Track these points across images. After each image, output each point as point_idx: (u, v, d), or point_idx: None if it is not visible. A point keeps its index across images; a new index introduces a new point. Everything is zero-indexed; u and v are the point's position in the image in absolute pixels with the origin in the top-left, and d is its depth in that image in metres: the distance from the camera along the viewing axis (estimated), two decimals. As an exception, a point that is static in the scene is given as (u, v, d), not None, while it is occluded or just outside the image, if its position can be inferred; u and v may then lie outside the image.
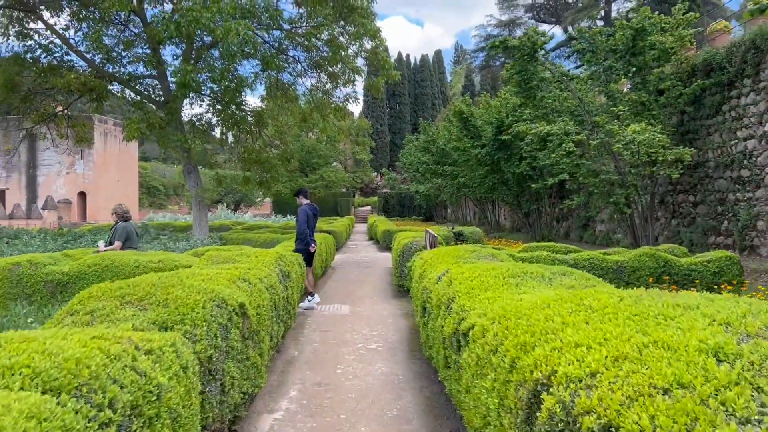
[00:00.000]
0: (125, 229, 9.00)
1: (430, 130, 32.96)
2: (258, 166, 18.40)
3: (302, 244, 8.95)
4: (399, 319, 7.91)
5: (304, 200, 9.40)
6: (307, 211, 9.14)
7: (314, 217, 9.39)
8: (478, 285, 3.45)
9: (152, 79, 17.47)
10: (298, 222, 9.08)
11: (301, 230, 8.98)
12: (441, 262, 5.23)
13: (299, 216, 9.11)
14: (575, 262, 7.96)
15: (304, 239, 8.98)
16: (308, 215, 9.10)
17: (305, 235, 8.98)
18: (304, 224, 8.98)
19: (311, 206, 9.41)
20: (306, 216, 9.06)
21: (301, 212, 9.12)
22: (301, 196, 9.50)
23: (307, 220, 9.03)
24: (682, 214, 15.29)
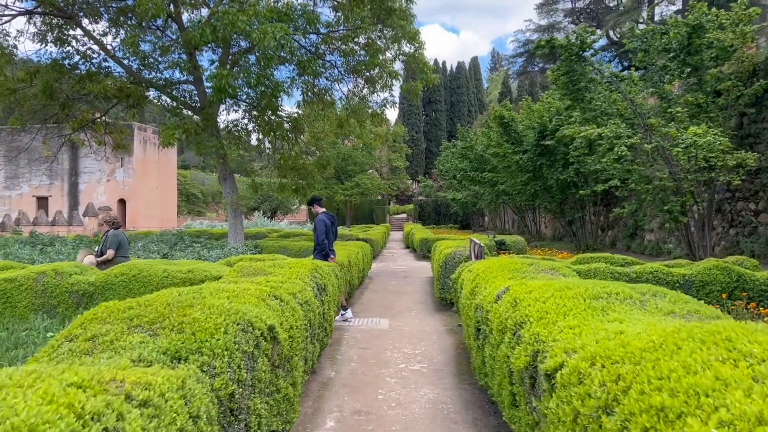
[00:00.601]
0: (116, 237, 8.62)
1: (467, 136, 32.23)
2: (294, 173, 18.04)
3: (321, 255, 8.44)
4: (443, 335, 7.32)
5: (320, 209, 8.96)
6: (324, 220, 8.67)
7: (332, 225, 8.92)
8: (553, 308, 2.85)
9: (188, 84, 17.30)
10: (316, 233, 8.58)
11: (320, 241, 8.49)
12: (496, 276, 4.64)
13: (317, 226, 8.61)
14: (637, 275, 7.25)
15: (324, 250, 8.49)
16: (326, 225, 8.63)
17: (324, 246, 8.50)
18: (323, 234, 8.51)
19: (328, 215, 8.94)
20: (324, 226, 8.58)
21: (319, 222, 8.63)
22: (316, 204, 9.05)
23: (325, 230, 8.55)
24: (741, 223, 14.29)
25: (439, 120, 75.67)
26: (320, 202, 9.11)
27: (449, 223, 50.33)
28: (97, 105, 18.12)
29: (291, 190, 17.89)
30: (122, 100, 17.38)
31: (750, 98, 13.14)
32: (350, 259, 9.71)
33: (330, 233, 8.71)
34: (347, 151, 38.57)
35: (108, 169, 44.11)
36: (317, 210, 8.94)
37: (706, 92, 13.22)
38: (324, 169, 18.99)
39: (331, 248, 8.71)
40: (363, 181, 38.85)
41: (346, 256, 9.47)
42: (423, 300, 10.47)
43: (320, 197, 9.37)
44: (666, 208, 12.94)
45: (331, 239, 8.75)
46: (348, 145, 39.64)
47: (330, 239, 8.71)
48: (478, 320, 4.28)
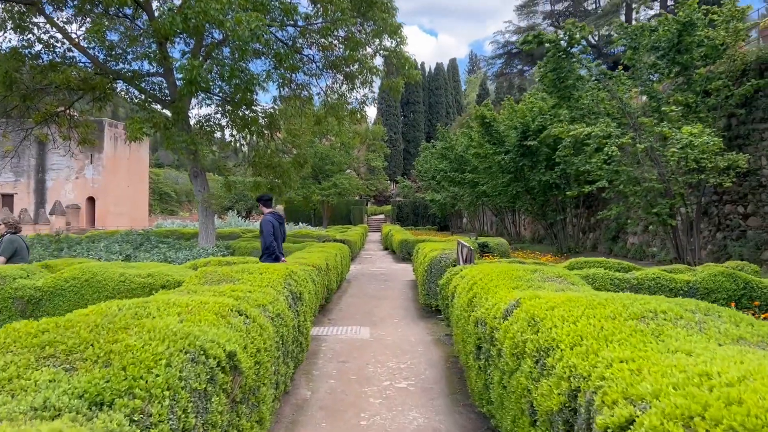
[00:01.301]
0: (12, 243, 7.62)
1: (447, 136, 31.76)
2: (269, 171, 17.31)
3: (271, 258, 7.76)
4: (430, 347, 6.71)
5: (267, 209, 8.25)
6: (272, 221, 7.99)
7: (281, 226, 8.28)
8: (589, 332, 2.26)
9: (158, 77, 16.46)
10: (263, 234, 7.92)
11: (268, 243, 7.82)
12: (497, 285, 4.05)
13: (263, 227, 7.94)
14: (638, 282, 6.73)
15: (273, 253, 7.82)
16: (274, 226, 7.96)
17: (273, 248, 7.83)
18: (271, 236, 7.84)
19: (276, 215, 8.27)
20: (272, 227, 7.92)
21: (266, 223, 7.95)
22: (263, 203, 8.35)
23: (273, 231, 7.90)
24: (729, 227, 13.97)
25: (417, 121, 75.29)
26: (268, 202, 8.38)
27: (427, 224, 49.83)
28: (61, 97, 17.15)
29: (266, 188, 17.14)
30: (88, 92, 16.47)
31: (740, 98, 12.82)
32: (328, 262, 9.06)
33: (279, 234, 8.08)
34: (325, 150, 37.84)
35: (77, 166, 42.71)
36: (264, 210, 8.27)
37: (695, 92, 12.87)
38: (301, 167, 18.29)
39: (280, 251, 8.07)
40: (341, 181, 38.16)
41: (323, 259, 8.81)
42: (405, 306, 9.86)
43: (269, 196, 8.64)
44: (655, 210, 12.55)
45: (279, 241, 8.12)
46: (326, 144, 38.91)
47: (279, 241, 8.08)
48: (480, 337, 3.67)
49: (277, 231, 8.04)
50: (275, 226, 7.96)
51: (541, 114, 19.96)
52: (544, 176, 19.96)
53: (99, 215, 42.83)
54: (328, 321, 8.37)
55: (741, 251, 13.26)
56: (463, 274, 5.45)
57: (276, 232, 7.97)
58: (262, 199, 8.41)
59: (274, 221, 7.99)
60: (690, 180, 12.10)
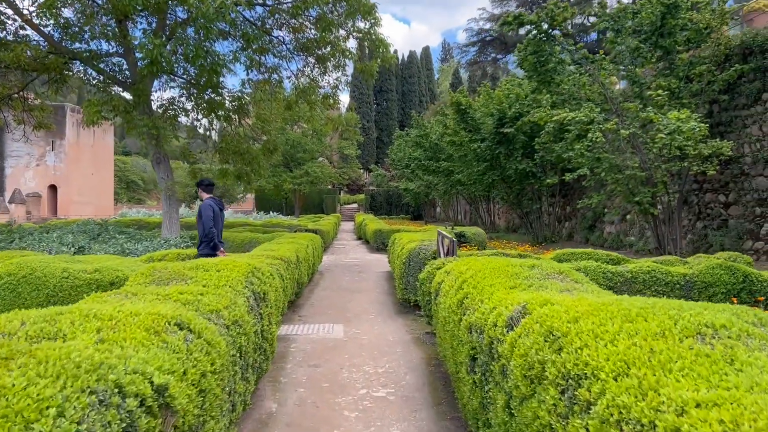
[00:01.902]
0: None
1: (422, 123, 31.19)
2: (237, 158, 16.52)
3: (209, 248, 7.21)
4: (410, 347, 6.16)
5: (206, 194, 7.59)
6: (212, 205, 7.37)
7: (221, 212, 7.64)
8: (635, 355, 1.71)
9: (118, 57, 15.52)
10: (202, 221, 7.27)
11: (207, 229, 7.21)
12: (493, 284, 3.50)
13: (203, 213, 7.31)
14: (633, 275, 6.27)
15: (212, 241, 7.24)
16: (214, 211, 7.35)
17: (213, 236, 7.23)
18: (211, 221, 7.23)
19: (216, 200, 7.61)
20: (212, 212, 7.30)
21: (205, 208, 7.32)
22: (202, 188, 7.65)
23: (213, 218, 7.27)
24: (710, 216, 13.72)
25: (390, 109, 74.70)
26: (209, 187, 7.69)
27: (401, 213, 49.37)
28: (12, 79, 16.09)
29: (233, 176, 16.39)
30: (42, 73, 15.45)
31: (723, 84, 12.51)
32: (299, 254, 8.44)
33: (219, 222, 7.46)
34: (297, 138, 36.94)
35: (37, 152, 41.11)
36: (203, 195, 7.61)
37: (678, 77, 12.52)
38: (271, 154, 17.54)
39: (219, 239, 7.42)
40: (313, 169, 37.35)
41: (293, 251, 8.19)
42: (381, 300, 9.30)
43: (210, 180, 7.90)
44: (636, 199, 12.19)
45: (219, 228, 7.49)
46: (297, 131, 38.01)
47: (219, 228, 7.46)
48: (475, 347, 3.12)
49: (218, 217, 7.41)
50: (215, 212, 7.35)
51: (518, 101, 19.53)
52: (521, 164, 19.57)
53: (61, 204, 41.33)
54: (298, 318, 7.77)
55: (722, 241, 13.01)
56: (447, 269, 4.90)
57: (216, 218, 7.34)
58: (202, 184, 7.71)
59: (214, 206, 7.39)
60: (672, 168, 11.76)
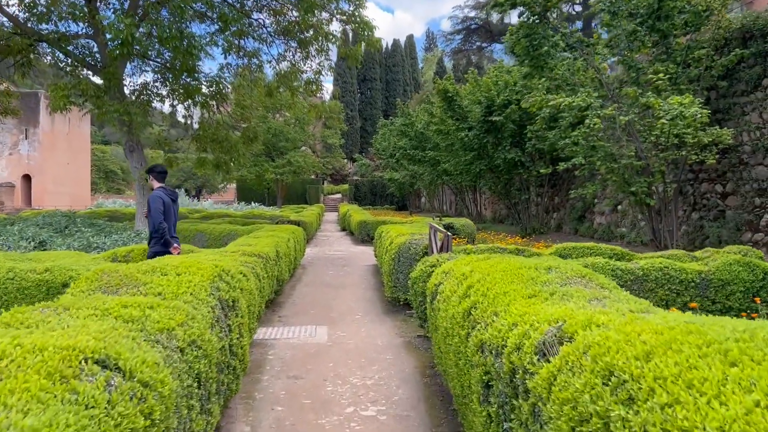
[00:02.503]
0: None
1: (407, 112, 30.53)
2: (215, 146, 15.78)
3: (160, 244, 6.38)
4: (401, 353, 5.56)
5: (158, 183, 6.70)
6: (162, 196, 6.50)
7: (173, 204, 6.75)
8: (763, 425, 1.13)
9: (88, 39, 14.66)
10: (152, 213, 6.41)
11: (157, 223, 6.35)
12: (506, 291, 2.91)
13: (152, 204, 6.43)
14: (644, 273, 5.73)
15: (162, 236, 6.38)
16: (165, 203, 6.48)
17: (164, 231, 6.37)
18: (160, 215, 6.36)
19: (168, 190, 6.74)
20: (163, 204, 6.43)
21: (155, 199, 6.44)
22: (155, 176, 6.73)
23: (164, 210, 6.43)
24: (706, 207, 13.29)
25: (374, 98, 73.93)
26: (161, 174, 6.73)
27: (385, 203, 48.74)
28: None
29: (211, 165, 15.66)
30: (6, 56, 14.55)
31: (721, 70, 12.02)
32: (279, 249, 7.80)
33: (171, 214, 6.61)
34: (279, 126, 36.07)
35: (10, 141, 39.81)
36: (154, 183, 6.72)
37: (675, 62, 12.01)
38: (251, 142, 16.81)
39: (173, 234, 6.58)
40: (295, 158, 36.53)
41: (273, 246, 7.55)
42: (368, 297, 8.70)
43: (162, 167, 6.89)
44: (632, 189, 11.70)
45: (173, 222, 6.65)
46: (279, 119, 37.14)
47: (171, 222, 6.61)
48: (489, 372, 2.54)
49: (169, 209, 6.54)
50: (166, 203, 6.47)
51: (508, 88, 18.98)
52: (510, 154, 19.04)
53: (36, 194, 40.12)
54: (278, 319, 7.15)
55: (719, 232, 12.59)
56: (445, 269, 4.31)
57: (168, 210, 6.48)
58: (153, 171, 6.75)
59: (164, 197, 6.50)
60: (670, 156, 11.26)
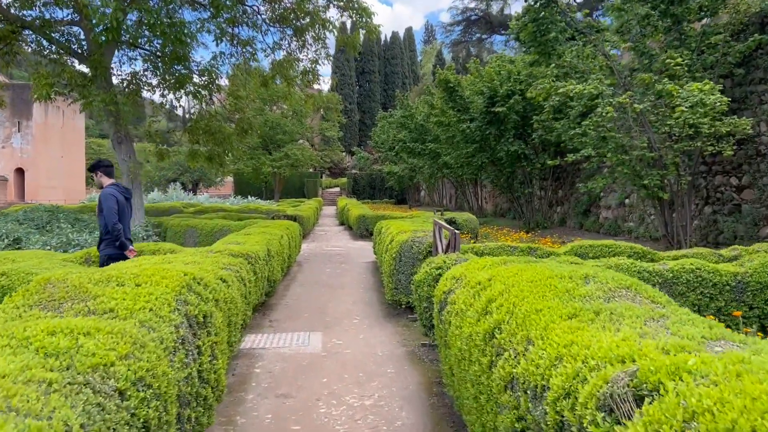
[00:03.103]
0: None
1: (407, 104, 29.89)
2: (208, 138, 15.15)
3: (113, 247, 5.66)
4: (404, 366, 4.98)
5: (107, 179, 5.91)
6: (115, 194, 5.74)
7: (127, 202, 5.99)
8: None
9: (74, 26, 14.00)
10: (104, 212, 5.64)
11: (112, 224, 5.59)
12: (540, 309, 2.33)
13: (104, 204, 5.65)
14: (674, 275, 5.15)
15: (117, 238, 5.64)
16: (119, 201, 5.74)
17: (119, 232, 5.63)
18: (115, 215, 5.63)
19: (121, 187, 5.98)
20: (116, 203, 5.69)
21: (107, 197, 5.66)
22: (101, 171, 5.92)
23: (118, 209, 5.71)
24: (720, 200, 12.71)
25: (373, 91, 73.23)
26: (109, 169, 5.95)
27: (384, 197, 48.11)
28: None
29: (204, 157, 15.03)
30: (-11, 43, 13.90)
31: (738, 56, 11.41)
32: (270, 247, 7.20)
33: (125, 213, 5.91)
34: (276, 119, 35.36)
35: (3, 134, 39.12)
36: (102, 180, 5.94)
37: (690, 48, 11.41)
38: (245, 134, 16.17)
39: (127, 236, 5.85)
40: (293, 151, 35.81)
41: (264, 244, 6.96)
42: (367, 299, 8.12)
43: (109, 162, 6.09)
44: (644, 182, 11.12)
45: (126, 223, 5.92)
46: (276, 111, 36.44)
47: (126, 222, 5.90)
48: (524, 417, 1.96)
49: (123, 209, 5.82)
50: (120, 202, 5.76)
51: (511, 78, 18.36)
52: (513, 146, 18.44)
53: (29, 188, 39.45)
54: (269, 324, 6.56)
55: (735, 227, 12.01)
56: (456, 274, 3.72)
57: (122, 209, 5.77)
58: (100, 166, 5.94)
59: (117, 194, 5.77)
60: (685, 147, 10.67)
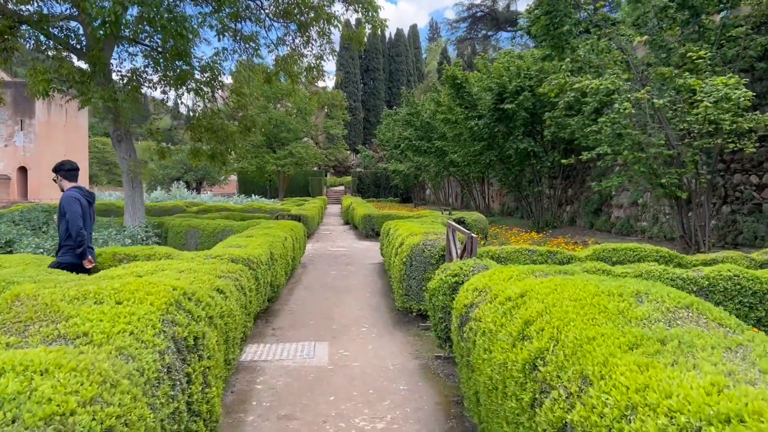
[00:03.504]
0: None
1: (413, 101, 29.45)
2: (210, 135, 14.77)
3: (72, 255, 5.20)
4: (418, 382, 4.59)
5: (69, 182, 5.45)
6: (78, 198, 5.29)
7: (90, 207, 5.50)
8: None
9: (73, 21, 13.65)
10: (68, 217, 5.17)
11: (75, 231, 5.14)
12: (593, 338, 1.94)
13: (66, 208, 5.21)
14: (710, 283, 4.75)
15: (80, 246, 5.20)
16: (82, 205, 5.30)
17: (83, 237, 5.19)
18: (80, 219, 5.19)
19: (83, 191, 5.49)
20: (80, 207, 5.25)
21: (69, 201, 5.22)
22: (62, 174, 5.45)
23: (82, 214, 5.26)
24: (739, 200, 12.28)
25: (377, 89, 72.78)
26: (71, 173, 5.47)
27: (389, 196, 47.69)
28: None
29: (206, 156, 14.67)
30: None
31: (759, 50, 10.97)
32: (274, 250, 6.83)
33: (88, 219, 5.44)
34: (280, 117, 34.98)
35: (6, 132, 38.90)
36: (63, 183, 5.46)
37: (709, 42, 10.97)
38: (248, 131, 15.80)
39: (89, 244, 5.38)
40: (297, 150, 35.42)
41: (267, 247, 6.58)
42: (375, 304, 7.73)
43: (73, 164, 5.57)
44: (662, 180, 10.70)
45: (89, 230, 5.47)
46: (281, 109, 36.07)
47: (89, 229, 5.45)
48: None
49: (86, 213, 5.36)
50: (84, 206, 5.32)
51: (520, 73, 17.93)
52: (522, 143, 18.02)
53: (32, 187, 39.24)
54: (272, 332, 6.19)
55: (755, 228, 11.59)
56: (479, 286, 3.33)
57: (85, 215, 5.32)
58: (61, 169, 5.42)
59: (81, 198, 5.33)
60: (705, 144, 10.23)
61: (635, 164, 11.05)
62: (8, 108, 38.11)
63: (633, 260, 5.95)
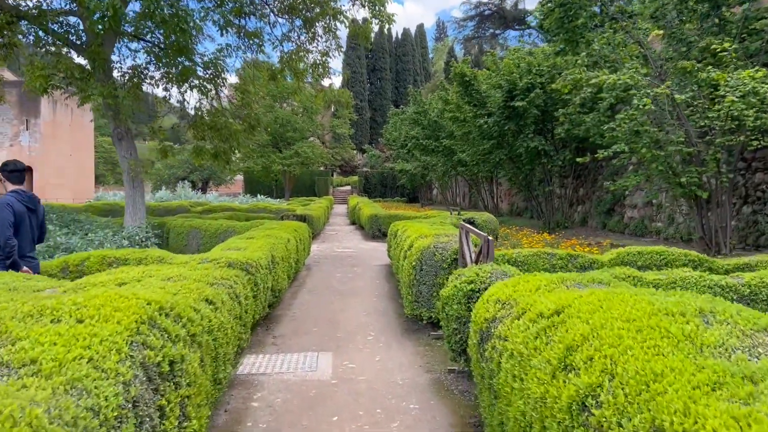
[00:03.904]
0: None
1: (420, 99, 29.03)
2: (214, 134, 14.42)
3: (2, 266, 4.60)
4: (430, 399, 4.17)
5: (12, 184, 4.86)
6: (12, 203, 4.70)
7: (32, 215, 4.92)
8: None
9: (72, 16, 13.32)
10: None
11: (4, 240, 4.57)
12: (659, 374, 1.53)
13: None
14: (751, 291, 4.32)
15: (8, 256, 4.62)
16: (16, 211, 4.71)
17: (12, 247, 4.62)
18: (9, 229, 4.60)
19: (23, 195, 4.88)
20: (11, 212, 4.66)
21: (1, 207, 4.62)
22: (6, 176, 4.86)
23: (15, 222, 4.68)
24: (761, 200, 11.81)
25: (384, 88, 72.40)
26: (15, 174, 4.86)
27: (396, 195, 47.27)
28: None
29: (209, 154, 14.31)
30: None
31: (782, 44, 10.50)
32: (275, 253, 6.44)
33: (30, 228, 4.91)
34: (286, 116, 34.61)
35: (11, 132, 38.69)
36: (7, 185, 4.91)
37: (731, 35, 10.51)
38: (252, 130, 15.43)
39: (29, 253, 4.86)
40: (303, 149, 35.02)
41: (268, 249, 6.19)
42: (382, 309, 7.32)
43: (16, 165, 4.93)
44: (681, 180, 10.25)
45: (30, 237, 4.93)
46: (287, 109, 35.70)
47: (27, 237, 4.88)
48: None
49: (25, 221, 4.80)
50: (18, 213, 4.72)
51: (531, 70, 17.49)
52: (533, 142, 17.57)
53: (38, 186, 39.00)
54: (272, 341, 5.79)
55: (778, 229, 11.12)
56: (502, 297, 2.93)
57: (21, 222, 4.76)
58: (4, 170, 4.83)
59: (16, 203, 4.75)
60: (729, 142, 9.77)
61: (653, 163, 10.60)
62: (14, 107, 37.96)
63: (660, 264, 5.52)
